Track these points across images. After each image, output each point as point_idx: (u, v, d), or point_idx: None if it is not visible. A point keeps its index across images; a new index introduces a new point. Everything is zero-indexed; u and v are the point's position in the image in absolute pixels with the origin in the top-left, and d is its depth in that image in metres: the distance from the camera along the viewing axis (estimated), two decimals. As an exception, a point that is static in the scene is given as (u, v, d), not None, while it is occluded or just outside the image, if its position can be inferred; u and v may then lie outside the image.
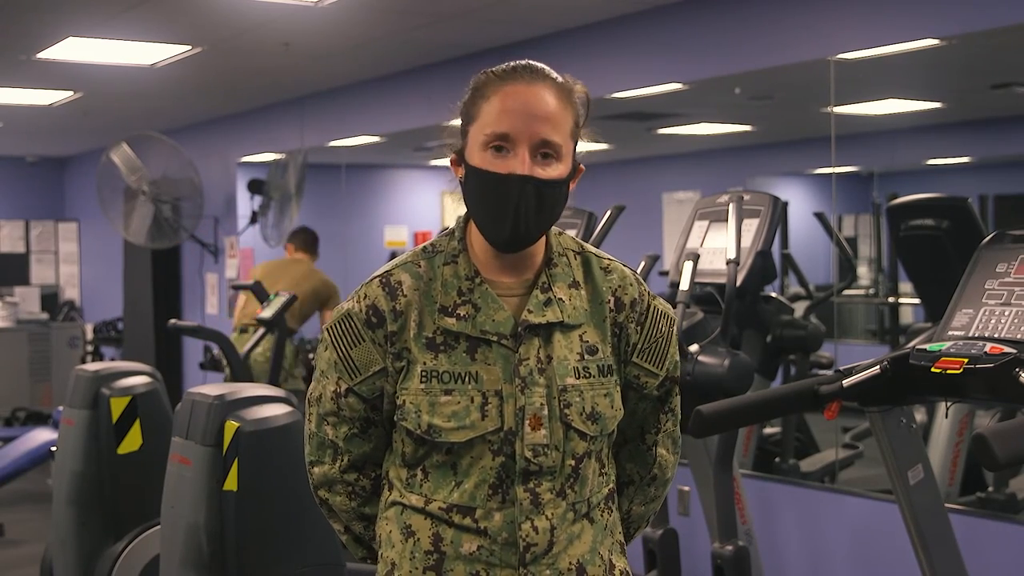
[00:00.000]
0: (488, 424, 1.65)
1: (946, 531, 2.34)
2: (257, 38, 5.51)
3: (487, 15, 5.03)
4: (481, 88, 1.70)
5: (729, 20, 4.59)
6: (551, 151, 1.66)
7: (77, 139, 10.00)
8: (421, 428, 1.66)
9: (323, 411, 1.76)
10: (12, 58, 5.93)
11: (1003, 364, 2.03)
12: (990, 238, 2.33)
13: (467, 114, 1.71)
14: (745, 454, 4.44)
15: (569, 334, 1.71)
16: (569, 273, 1.75)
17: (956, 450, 3.90)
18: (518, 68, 1.70)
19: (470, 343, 1.68)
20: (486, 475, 1.66)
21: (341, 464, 1.78)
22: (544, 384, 1.67)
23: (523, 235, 1.67)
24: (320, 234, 6.62)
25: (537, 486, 1.66)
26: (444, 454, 1.67)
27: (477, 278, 1.71)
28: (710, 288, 3.30)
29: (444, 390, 1.66)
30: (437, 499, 1.68)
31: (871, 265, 6.23)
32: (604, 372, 1.72)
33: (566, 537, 1.68)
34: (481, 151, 1.67)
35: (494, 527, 1.65)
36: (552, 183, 1.67)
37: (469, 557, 1.66)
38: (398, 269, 1.73)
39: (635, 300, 1.77)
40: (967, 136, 5.20)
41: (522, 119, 1.65)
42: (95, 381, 3.85)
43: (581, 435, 1.69)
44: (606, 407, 1.71)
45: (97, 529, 3.84)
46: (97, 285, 10.99)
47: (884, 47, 3.99)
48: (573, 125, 1.71)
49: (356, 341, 1.71)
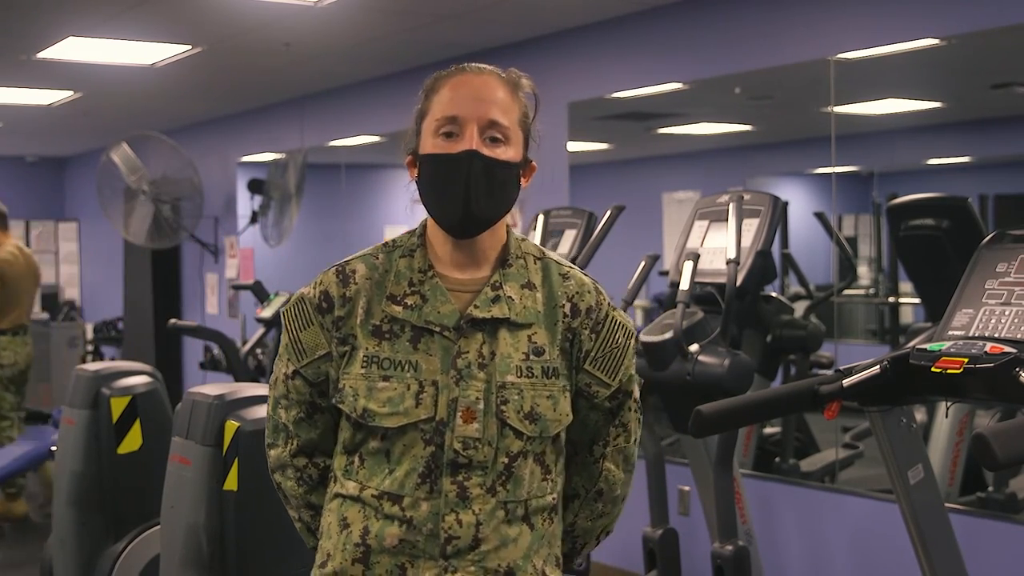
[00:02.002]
0: (421, 412, 1.68)
1: (946, 531, 2.34)
2: (257, 38, 5.51)
3: (487, 15, 5.03)
4: (431, 86, 1.76)
5: (729, 20, 4.59)
6: (499, 134, 1.71)
7: (77, 139, 10.00)
8: (357, 412, 1.70)
9: (277, 393, 1.81)
10: (12, 58, 5.93)
11: (1003, 364, 2.03)
12: (990, 238, 2.33)
13: (420, 114, 1.77)
14: (745, 454, 4.44)
15: (517, 333, 1.72)
16: (524, 275, 1.76)
17: (956, 450, 3.90)
18: (465, 65, 1.76)
19: (414, 332, 1.71)
20: (416, 464, 1.68)
21: (291, 448, 1.81)
22: (484, 379, 1.69)
23: (475, 214, 1.70)
24: (320, 233, 6.63)
25: (466, 480, 1.68)
26: (379, 440, 1.70)
27: (430, 271, 1.74)
28: (710, 288, 3.30)
29: (383, 376, 1.69)
30: (371, 486, 1.70)
31: (871, 265, 6.23)
32: (549, 374, 1.73)
33: (498, 538, 1.69)
34: (432, 138, 1.72)
35: (419, 517, 1.67)
36: (501, 163, 1.70)
37: (393, 550, 1.68)
38: (356, 259, 1.79)
39: (591, 307, 1.78)
40: (967, 136, 5.20)
41: (470, 102, 1.70)
42: (95, 381, 3.85)
43: (517, 433, 1.70)
44: (547, 409, 1.71)
45: (97, 529, 3.84)
46: (97, 285, 10.99)
47: (884, 47, 3.99)
48: (521, 115, 1.75)
49: (306, 324, 1.76)
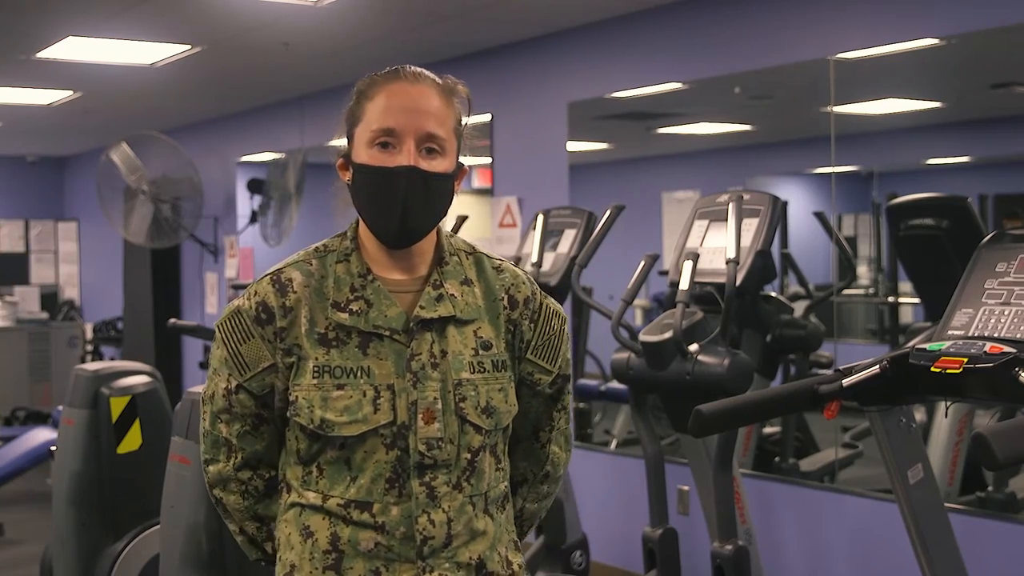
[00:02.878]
0: (381, 418, 1.67)
1: (946, 531, 2.34)
2: (257, 38, 5.51)
3: (487, 15, 5.03)
4: (365, 90, 1.74)
5: (729, 20, 4.59)
6: (436, 145, 1.70)
7: (77, 139, 10.00)
8: (314, 423, 1.68)
9: (216, 408, 1.77)
10: (12, 57, 5.93)
11: (1003, 364, 2.03)
12: (990, 237, 2.34)
13: (352, 117, 1.75)
14: (745, 454, 4.44)
15: (463, 329, 1.73)
16: (461, 271, 1.77)
17: (956, 450, 3.90)
18: (400, 70, 1.74)
19: (362, 338, 1.70)
20: (381, 469, 1.67)
21: (235, 462, 1.78)
22: (438, 378, 1.69)
23: (412, 228, 1.70)
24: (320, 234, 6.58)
25: (433, 479, 1.68)
26: (338, 449, 1.68)
27: (369, 275, 1.73)
28: (710, 288, 3.30)
29: (336, 384, 1.68)
30: (334, 495, 1.69)
31: (871, 265, 6.23)
32: (498, 367, 1.75)
33: (467, 532, 1.70)
34: (367, 148, 1.70)
35: (391, 521, 1.67)
36: (438, 176, 1.71)
37: (368, 554, 1.67)
38: (289, 267, 1.76)
39: (528, 298, 1.81)
40: (967, 136, 5.19)
41: (407, 114, 1.69)
42: (95, 381, 3.86)
43: (476, 428, 1.71)
44: (500, 401, 1.74)
45: (97, 529, 3.84)
46: (97, 285, 10.99)
47: (884, 47, 4.00)
48: (456, 123, 1.75)
49: (245, 337, 1.73)
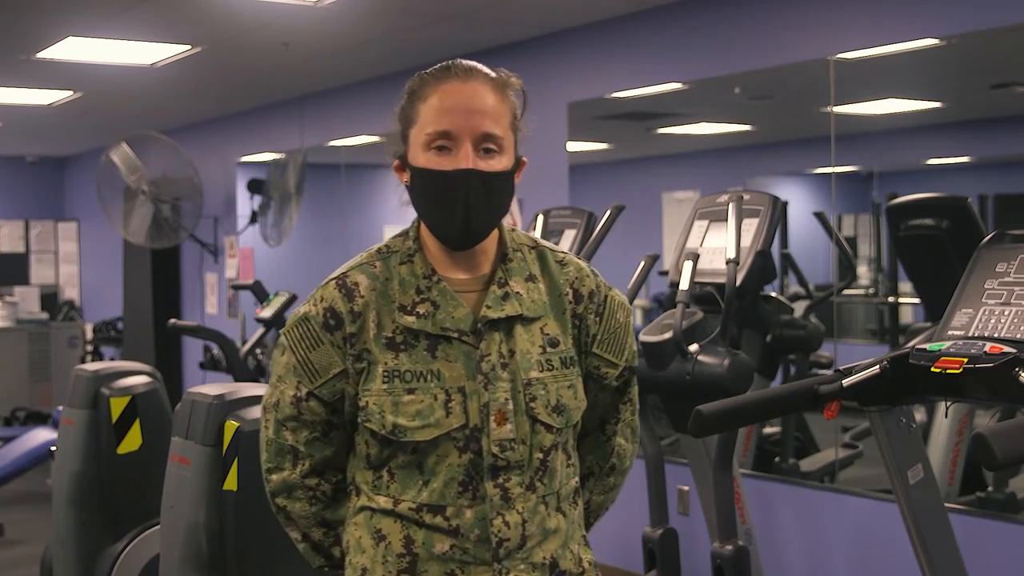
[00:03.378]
0: (453, 421, 1.65)
1: (946, 531, 2.34)
2: (257, 38, 5.51)
3: (487, 15, 5.03)
4: (417, 90, 1.72)
5: (729, 20, 4.59)
6: (493, 144, 1.68)
7: (77, 139, 10.00)
8: (386, 428, 1.66)
9: (281, 416, 1.74)
10: (12, 58, 5.93)
11: (1003, 364, 2.03)
12: (990, 238, 2.33)
13: (406, 118, 1.73)
14: (745, 454, 4.44)
15: (530, 327, 1.72)
16: (525, 267, 1.76)
17: (956, 450, 3.90)
18: (451, 67, 1.71)
19: (430, 341, 1.68)
20: (454, 473, 1.66)
21: (302, 469, 1.75)
22: (508, 379, 1.68)
23: (474, 229, 1.69)
24: (320, 234, 6.62)
25: (506, 481, 1.67)
26: (409, 454, 1.67)
27: (434, 276, 1.71)
28: (710, 288, 3.29)
29: (407, 389, 1.66)
30: (406, 499, 1.67)
31: (871, 265, 6.23)
32: (566, 364, 1.74)
33: (540, 531, 1.69)
34: (424, 151, 1.68)
35: (466, 524, 1.66)
36: (498, 175, 1.69)
37: (442, 556, 1.66)
38: (354, 271, 1.74)
39: (592, 291, 1.79)
40: (967, 136, 5.19)
41: (461, 115, 1.67)
42: (95, 381, 3.85)
43: (547, 428, 1.70)
44: (570, 399, 1.72)
45: (97, 529, 3.83)
46: (97, 285, 10.99)
47: (884, 47, 4.00)
48: (512, 118, 1.73)
49: (315, 344, 1.70)
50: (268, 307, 5.77)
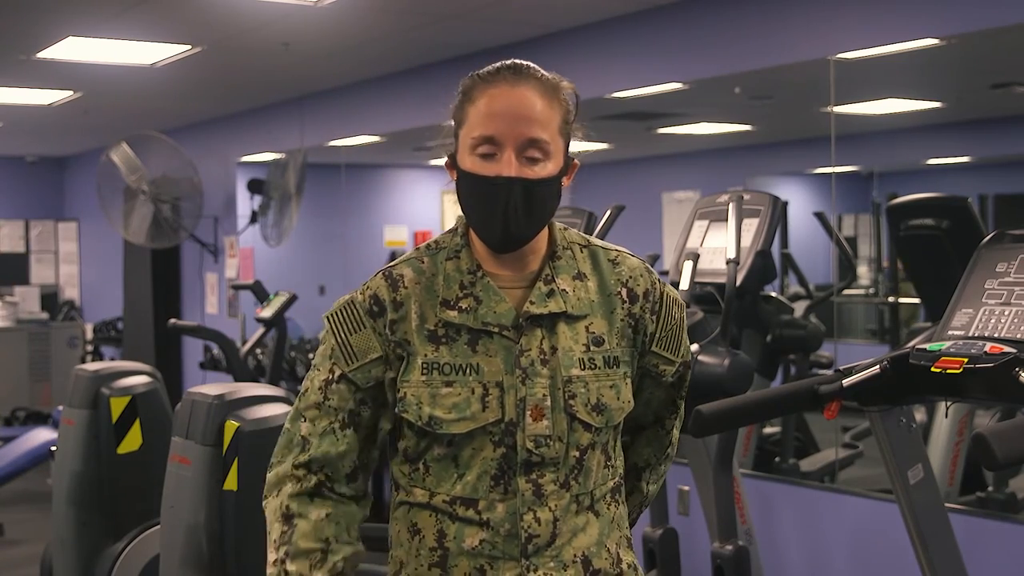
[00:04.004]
0: (489, 415, 1.66)
1: (946, 531, 2.34)
2: (257, 38, 5.51)
3: (487, 15, 5.03)
4: (468, 91, 1.71)
5: (729, 20, 4.59)
6: (538, 151, 1.67)
7: (77, 139, 10.00)
8: (422, 420, 1.67)
9: (303, 405, 1.73)
10: (12, 58, 5.93)
11: (1003, 364, 2.03)
12: (990, 238, 2.33)
13: (457, 118, 1.73)
14: (745, 454, 4.44)
15: (574, 325, 1.71)
16: (574, 265, 1.75)
17: (956, 450, 3.90)
18: (503, 69, 1.70)
19: (471, 335, 1.68)
20: (488, 466, 1.66)
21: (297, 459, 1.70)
22: (548, 375, 1.67)
23: (514, 236, 1.68)
24: (320, 234, 6.62)
25: (540, 477, 1.66)
26: (445, 446, 1.68)
27: (479, 271, 1.72)
28: (710, 288, 3.30)
29: (445, 382, 1.67)
30: (441, 492, 1.68)
31: (871, 265, 6.23)
32: (610, 364, 1.72)
33: (569, 529, 1.68)
34: (470, 155, 1.68)
35: (496, 518, 1.66)
36: (541, 182, 1.67)
37: (472, 552, 1.66)
38: (402, 264, 1.75)
39: (648, 290, 1.78)
40: (967, 136, 5.20)
41: (507, 121, 1.65)
42: (95, 381, 3.85)
43: (586, 426, 1.69)
44: (612, 399, 1.71)
45: (97, 529, 3.84)
46: (97, 285, 10.99)
47: (884, 47, 3.99)
48: (562, 122, 1.71)
49: (357, 327, 1.72)
50: (268, 307, 5.78)
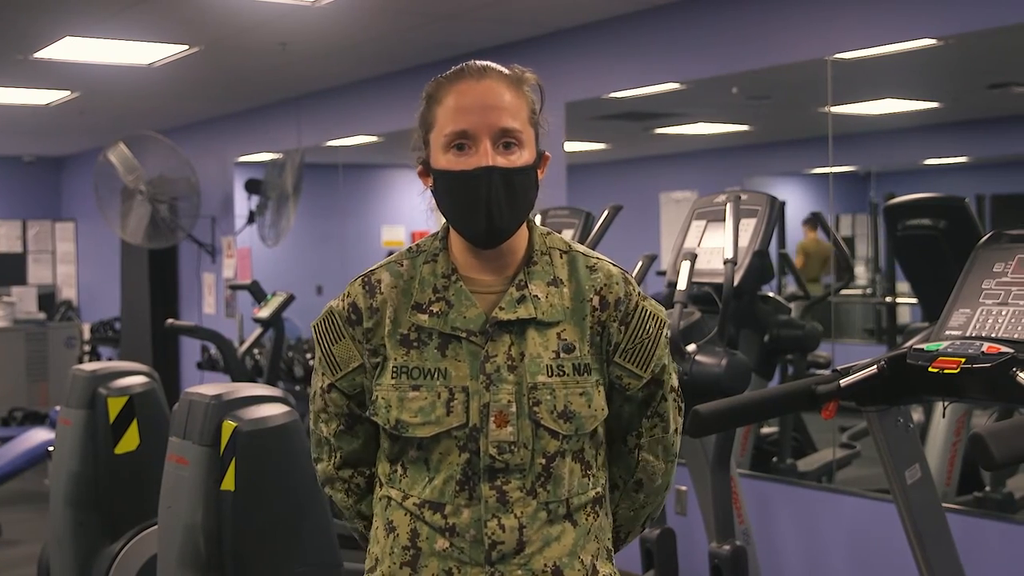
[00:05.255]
0: (453, 420, 1.66)
1: (943, 531, 2.34)
2: (254, 38, 5.51)
3: (485, 15, 5.03)
4: (433, 94, 1.72)
5: (727, 20, 4.59)
6: (512, 139, 1.68)
7: (74, 139, 10.00)
8: (390, 423, 1.69)
9: (316, 408, 1.81)
10: (9, 58, 5.93)
11: (1000, 364, 2.03)
12: (987, 238, 2.34)
13: (425, 123, 1.73)
14: (742, 454, 4.44)
15: (545, 332, 1.70)
16: (550, 271, 1.74)
17: (953, 450, 3.90)
18: (465, 68, 1.71)
19: (441, 340, 1.69)
20: (453, 471, 1.67)
21: (335, 461, 1.81)
22: (514, 381, 1.67)
23: (498, 227, 1.68)
24: (318, 234, 6.61)
25: (505, 484, 1.66)
26: (417, 449, 1.69)
27: (453, 275, 1.72)
28: (707, 288, 3.30)
29: (412, 386, 1.68)
30: (413, 495, 1.70)
31: (868, 265, 6.24)
32: (580, 371, 1.70)
33: (540, 538, 1.67)
34: (444, 153, 1.69)
35: (462, 524, 1.66)
36: (519, 170, 1.68)
37: (442, 553, 1.67)
38: (381, 268, 1.77)
39: (620, 299, 1.74)
40: (964, 136, 5.20)
41: (478, 113, 1.66)
42: (92, 381, 3.85)
43: (552, 433, 1.68)
44: (582, 406, 1.69)
45: (94, 529, 3.83)
46: (94, 285, 10.98)
47: (881, 47, 4.00)
48: (530, 112, 1.72)
49: (337, 338, 1.76)
50: (266, 307, 5.77)
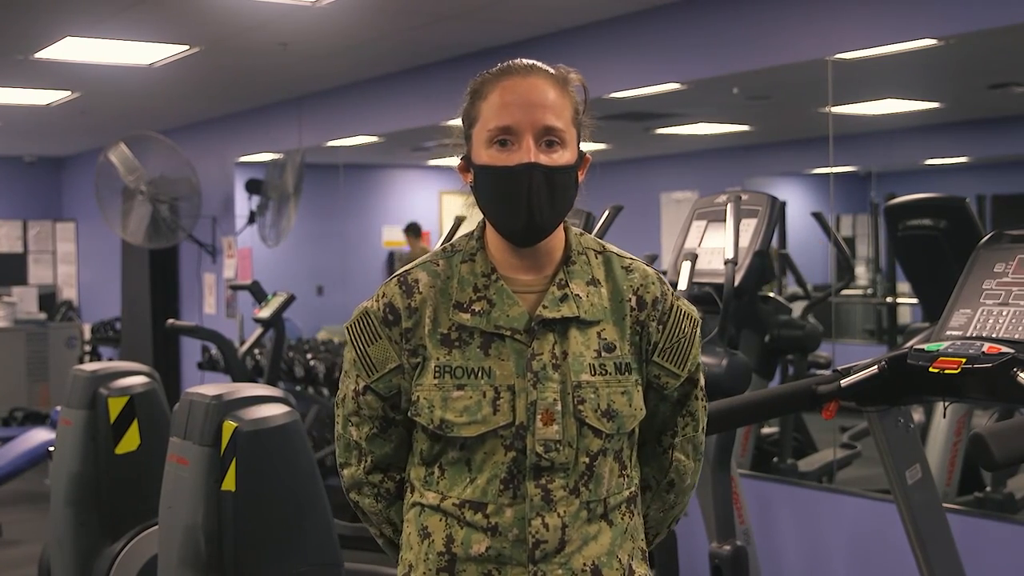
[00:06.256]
0: (500, 419, 1.65)
1: (944, 531, 2.34)
2: (255, 38, 5.51)
3: (486, 15, 5.03)
4: (478, 89, 1.71)
5: (727, 20, 4.59)
6: (555, 137, 1.68)
7: (75, 139, 10.00)
8: (434, 423, 1.67)
9: (347, 411, 1.78)
10: (10, 58, 5.93)
11: (1001, 364, 2.03)
12: (988, 238, 2.34)
13: (468, 118, 1.73)
14: (743, 454, 4.44)
15: (586, 331, 1.70)
16: (588, 271, 1.74)
17: (954, 450, 3.90)
18: (511, 65, 1.72)
19: (484, 338, 1.68)
20: (498, 470, 1.66)
21: (365, 465, 1.79)
22: (558, 380, 1.67)
23: (538, 224, 1.68)
24: (318, 234, 6.61)
25: (549, 482, 1.66)
26: (459, 450, 1.68)
27: (493, 275, 1.71)
28: (708, 288, 3.30)
29: (456, 385, 1.67)
30: (452, 496, 1.68)
31: (869, 265, 6.24)
32: (622, 370, 1.71)
33: (580, 537, 1.67)
34: (487, 148, 1.68)
35: (505, 523, 1.65)
36: (560, 169, 1.68)
37: (479, 558, 1.65)
38: (417, 268, 1.75)
39: (657, 299, 1.76)
40: (965, 136, 5.21)
41: (522, 110, 1.66)
42: (93, 381, 3.85)
43: (596, 432, 1.68)
44: (623, 405, 1.70)
45: (95, 529, 3.83)
46: (95, 285, 10.99)
47: (882, 47, 4.00)
48: (573, 112, 1.72)
49: (373, 339, 1.73)
50: (266, 307, 5.77)
